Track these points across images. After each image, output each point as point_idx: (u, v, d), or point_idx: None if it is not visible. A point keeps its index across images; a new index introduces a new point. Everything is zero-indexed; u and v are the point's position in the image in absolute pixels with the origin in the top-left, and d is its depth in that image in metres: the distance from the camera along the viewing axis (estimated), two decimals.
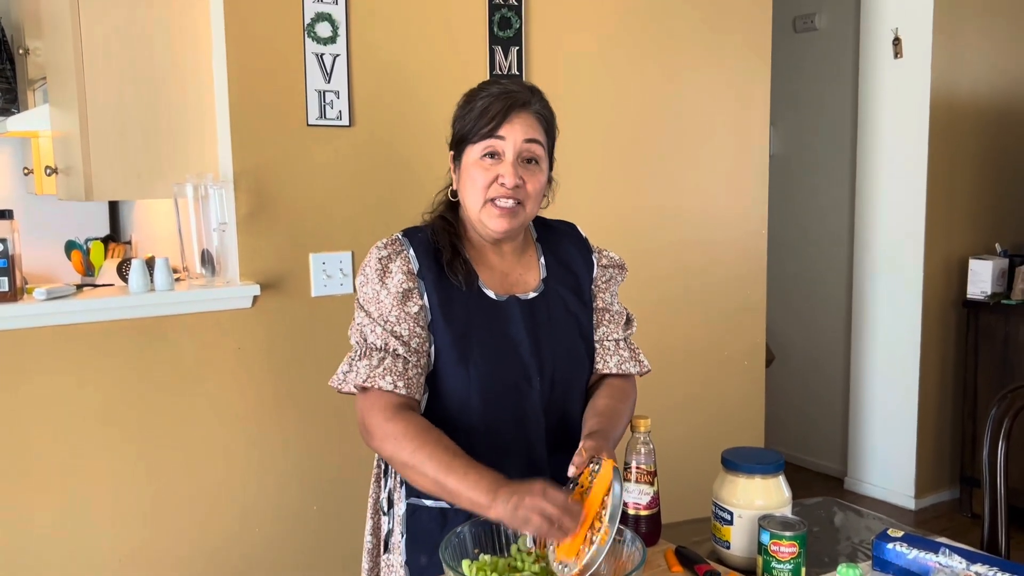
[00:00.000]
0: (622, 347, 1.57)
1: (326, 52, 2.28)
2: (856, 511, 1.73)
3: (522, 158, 1.43)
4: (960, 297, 3.87)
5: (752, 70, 3.08)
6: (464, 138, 1.45)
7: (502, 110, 1.41)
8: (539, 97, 1.48)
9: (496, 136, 1.41)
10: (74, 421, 2.08)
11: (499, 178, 1.41)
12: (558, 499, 1.20)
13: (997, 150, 3.99)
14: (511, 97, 1.43)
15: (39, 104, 3.13)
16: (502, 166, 1.42)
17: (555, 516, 1.18)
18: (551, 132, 1.49)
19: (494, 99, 1.42)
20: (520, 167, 1.42)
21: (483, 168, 1.43)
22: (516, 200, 1.42)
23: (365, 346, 1.42)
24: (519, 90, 1.45)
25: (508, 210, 1.43)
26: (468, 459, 1.30)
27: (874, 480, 4.08)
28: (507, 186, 1.41)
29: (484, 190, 1.42)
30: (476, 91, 1.47)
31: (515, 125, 1.41)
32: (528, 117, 1.43)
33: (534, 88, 1.48)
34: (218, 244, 2.22)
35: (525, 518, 1.19)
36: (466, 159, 1.45)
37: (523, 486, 1.22)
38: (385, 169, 2.40)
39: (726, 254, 3.10)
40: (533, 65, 2.61)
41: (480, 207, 1.43)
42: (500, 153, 1.42)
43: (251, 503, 2.30)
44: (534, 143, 1.43)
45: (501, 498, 1.22)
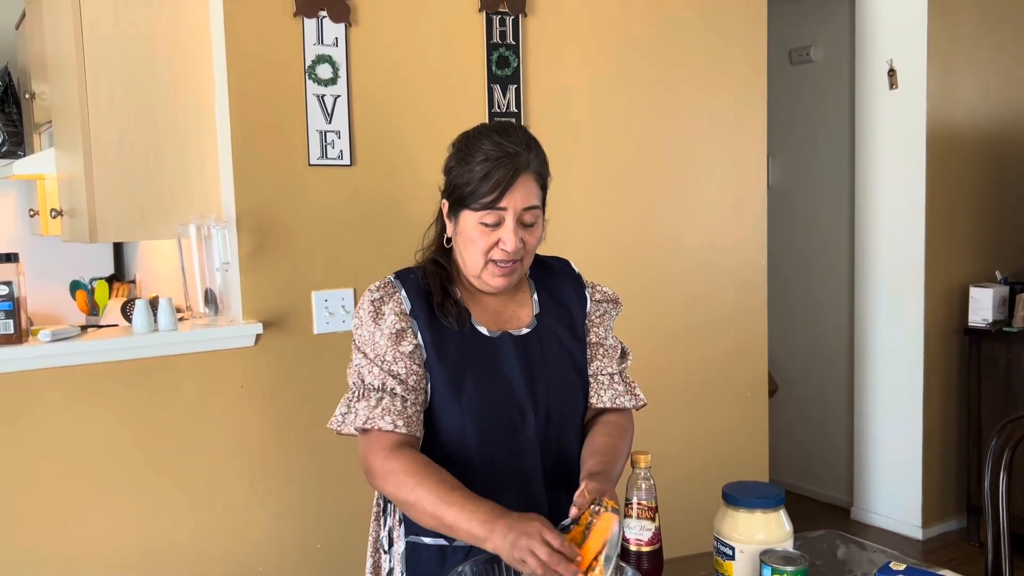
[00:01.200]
0: (617, 381, 1.58)
1: (327, 93, 2.32)
2: (859, 544, 1.72)
3: (522, 222, 1.44)
4: (962, 325, 3.88)
5: (749, 103, 3.11)
6: (462, 200, 1.43)
7: (504, 180, 1.39)
8: (535, 152, 1.45)
9: (498, 208, 1.41)
10: (78, 462, 2.08)
11: (500, 243, 1.43)
12: (555, 543, 1.20)
13: (994, 178, 4.02)
14: (512, 163, 1.40)
15: (45, 147, 3.17)
16: (503, 231, 1.42)
17: (551, 562, 1.18)
18: (546, 186, 1.49)
19: (494, 165, 1.40)
20: (520, 230, 1.43)
21: (483, 233, 1.43)
22: (516, 260, 1.44)
23: (363, 387, 1.43)
24: (518, 151, 1.42)
25: (508, 268, 1.45)
26: (466, 492, 1.31)
27: (881, 510, 4.05)
28: (508, 251, 1.42)
29: (484, 254, 1.44)
30: (473, 146, 1.43)
31: (516, 194, 1.41)
32: (528, 182, 1.42)
33: (530, 141, 1.46)
34: (221, 283, 2.24)
35: (521, 559, 1.20)
36: (464, 220, 1.44)
37: (520, 522, 1.23)
38: (386, 207, 2.43)
39: (727, 285, 3.12)
40: (531, 103, 2.64)
41: (481, 268, 1.45)
42: (501, 220, 1.42)
43: (254, 541, 2.29)
44: (533, 208, 1.44)
45: (499, 531, 1.22)
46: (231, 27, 2.21)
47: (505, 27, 2.57)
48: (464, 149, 1.45)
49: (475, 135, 1.46)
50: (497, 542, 1.22)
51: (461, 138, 1.48)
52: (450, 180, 1.47)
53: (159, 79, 2.25)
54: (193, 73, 2.29)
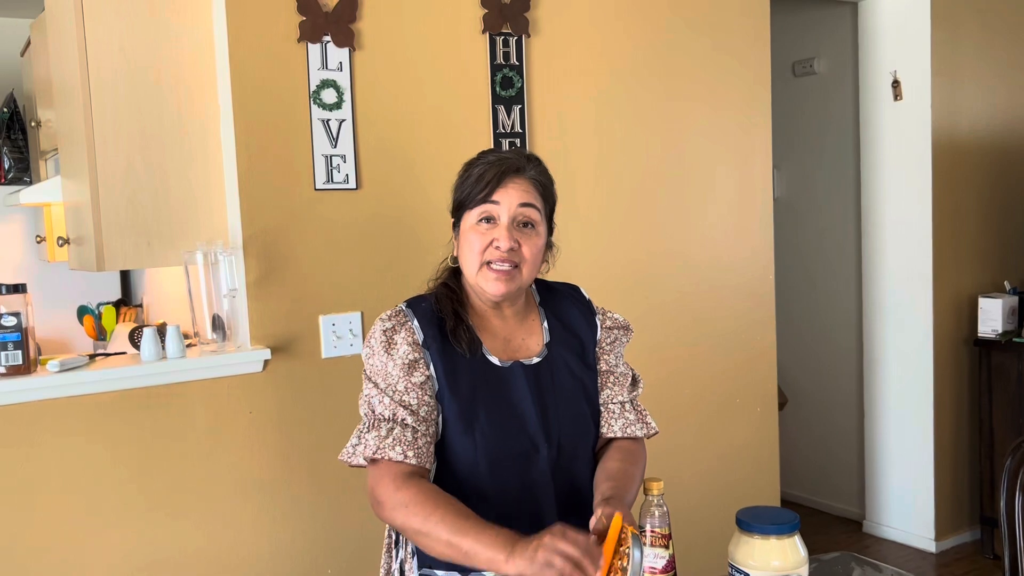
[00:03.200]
0: (628, 410, 1.57)
1: (332, 118, 2.32)
2: (874, 566, 1.71)
3: (517, 222, 1.45)
4: (971, 336, 3.86)
5: (753, 117, 3.11)
6: (461, 205, 1.49)
7: (496, 175, 1.45)
8: (535, 164, 1.51)
9: (490, 201, 1.44)
10: (87, 492, 2.08)
11: (494, 241, 1.44)
12: (579, 541, 1.20)
13: (1001, 188, 4.01)
14: (505, 163, 1.47)
15: (51, 174, 3.18)
16: (497, 230, 1.45)
17: (577, 558, 1.18)
18: (548, 198, 1.52)
19: (489, 166, 1.46)
20: (516, 231, 1.45)
21: (479, 233, 1.46)
22: (512, 263, 1.44)
23: (373, 417, 1.42)
24: (514, 157, 1.48)
25: (504, 273, 1.44)
26: (480, 519, 1.30)
27: (893, 523, 4.03)
28: (502, 249, 1.43)
29: (480, 254, 1.45)
30: (474, 160, 1.51)
31: (509, 189, 1.45)
32: (523, 182, 1.47)
33: (531, 156, 1.52)
34: (228, 309, 2.24)
35: (546, 561, 1.18)
36: (464, 225, 1.49)
37: (542, 532, 1.23)
38: (392, 229, 2.43)
39: (734, 300, 3.11)
40: (536, 123, 2.64)
41: (477, 271, 1.46)
42: (495, 217, 1.45)
43: (263, 569, 2.28)
44: (529, 207, 1.46)
45: (519, 548, 1.22)
46: (235, 53, 2.21)
47: (509, 48, 2.57)
48: (466, 165, 1.52)
49: (478, 154, 1.54)
50: (517, 560, 1.21)
51: (466, 162, 1.54)
52: (453, 195, 1.53)
53: (164, 106, 2.26)
54: (198, 100, 2.29)
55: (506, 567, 1.23)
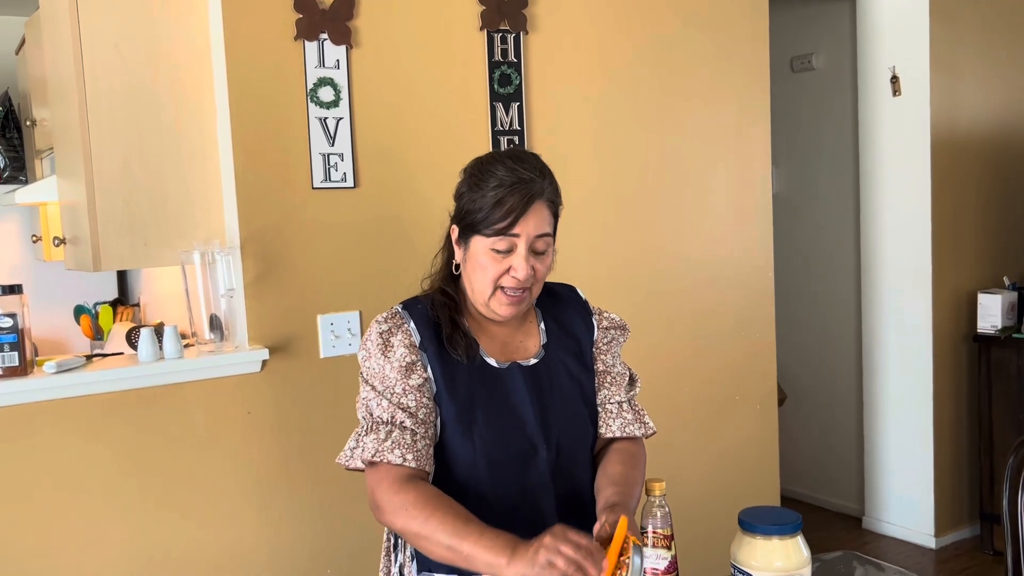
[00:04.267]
0: (625, 409, 1.56)
1: (329, 116, 2.31)
2: (876, 565, 1.70)
3: (533, 249, 1.42)
4: (970, 331, 3.86)
5: (752, 112, 3.10)
6: (473, 226, 1.42)
7: (518, 206, 1.38)
8: (549, 180, 1.45)
9: (510, 234, 1.39)
10: (84, 493, 2.06)
11: (511, 271, 1.41)
12: (581, 543, 1.19)
13: (1000, 183, 4.00)
14: (526, 190, 1.39)
15: (46, 173, 3.16)
16: (514, 258, 1.41)
17: (578, 559, 1.16)
18: (558, 213, 1.48)
19: (508, 191, 1.39)
20: (531, 257, 1.42)
21: (494, 259, 1.41)
22: (525, 288, 1.43)
23: (371, 420, 1.41)
24: (532, 178, 1.41)
25: (518, 298, 1.43)
26: (481, 523, 1.29)
27: (892, 519, 4.02)
28: (519, 278, 1.41)
29: (494, 281, 1.42)
30: (486, 171, 1.42)
31: (529, 221, 1.39)
32: (541, 209, 1.41)
33: (544, 169, 1.45)
34: (226, 309, 2.22)
35: (547, 561, 1.17)
36: (475, 246, 1.43)
37: (542, 534, 1.21)
38: (391, 228, 2.42)
39: (734, 297, 3.10)
40: (534, 120, 2.63)
41: (489, 296, 1.43)
42: (513, 248, 1.41)
43: (263, 569, 2.27)
44: (545, 236, 1.43)
45: (520, 551, 1.21)
46: (232, 52, 2.20)
47: (506, 45, 2.55)
48: (477, 175, 1.43)
49: (488, 161, 1.45)
50: (519, 564, 1.20)
51: (474, 164, 1.47)
52: (461, 206, 1.46)
53: (160, 105, 2.24)
54: (194, 98, 2.28)
55: (507, 571, 1.21)
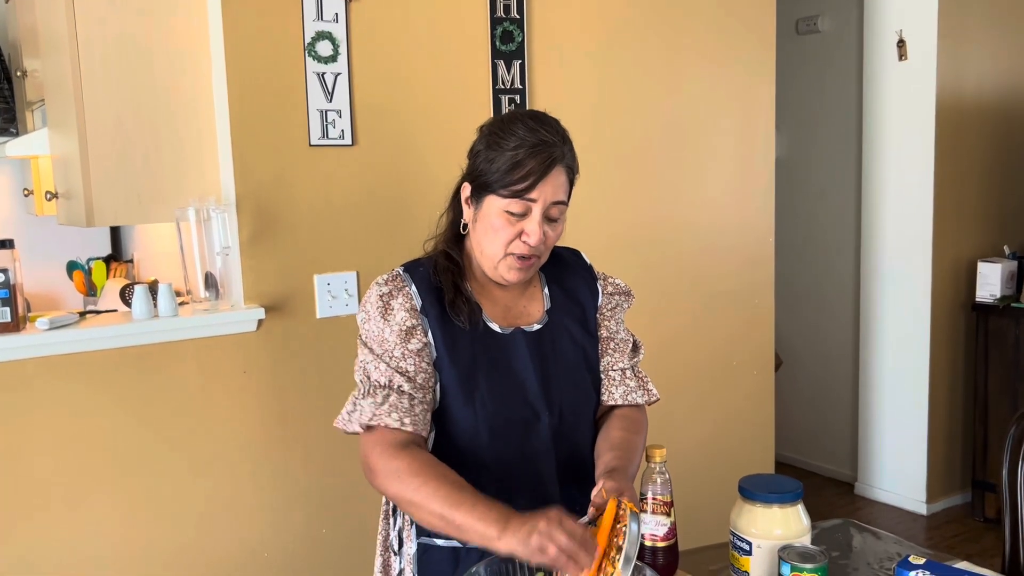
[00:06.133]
0: (628, 376, 1.54)
1: (327, 71, 2.26)
2: (874, 533, 1.70)
3: (547, 216, 1.39)
4: (969, 300, 3.85)
5: (756, 75, 3.05)
6: (488, 185, 1.38)
7: (538, 169, 1.34)
8: (569, 146, 1.41)
9: (527, 198, 1.36)
10: (78, 450, 2.05)
11: (523, 235, 1.38)
12: (575, 530, 1.16)
13: (1004, 151, 3.97)
14: (547, 153, 1.35)
15: (38, 125, 3.10)
16: (528, 223, 1.38)
17: (571, 549, 1.14)
18: (574, 181, 1.44)
19: (528, 152, 1.35)
20: (544, 223, 1.39)
21: (507, 221, 1.38)
22: (536, 255, 1.40)
23: (369, 384, 1.39)
24: (553, 141, 1.37)
25: (527, 264, 1.40)
26: (475, 492, 1.26)
27: (885, 485, 4.05)
28: (531, 244, 1.38)
29: (505, 244, 1.39)
30: (507, 130, 1.38)
31: (547, 186, 1.36)
32: (559, 175, 1.38)
33: (564, 134, 1.41)
34: (221, 267, 2.19)
35: (540, 547, 1.15)
36: (488, 206, 1.39)
37: (535, 515, 1.19)
38: (389, 187, 2.38)
39: (734, 262, 3.08)
40: (536, 78, 2.58)
41: (499, 259, 1.40)
42: (528, 211, 1.37)
43: (258, 527, 2.27)
44: (560, 204, 1.39)
45: (512, 528, 1.18)
46: (228, 3, 2.14)
47: (509, 1, 2.50)
48: (496, 133, 1.39)
49: (508, 119, 1.41)
50: (510, 539, 1.17)
51: (493, 122, 1.43)
52: (477, 163, 1.41)
53: (154, 58, 2.19)
54: (189, 51, 2.22)
55: (498, 544, 1.19)
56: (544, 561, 1.16)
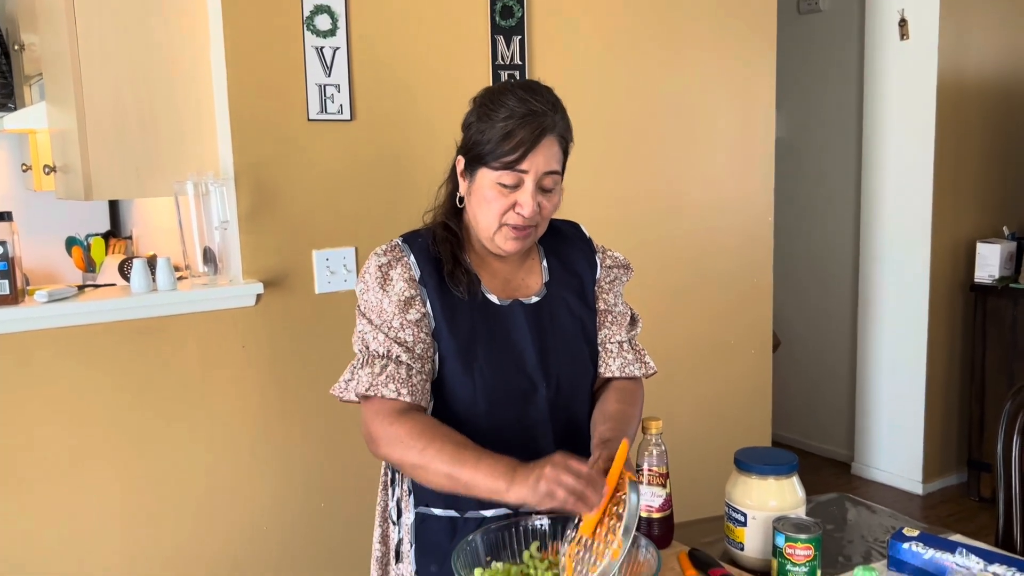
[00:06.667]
0: (626, 349, 1.54)
1: (326, 45, 2.25)
2: (869, 507, 1.71)
3: (541, 186, 1.38)
4: (968, 281, 3.85)
5: (757, 54, 3.04)
6: (480, 157, 1.38)
7: (528, 139, 1.33)
8: (561, 114, 1.40)
9: (518, 169, 1.35)
10: (77, 423, 2.06)
11: (517, 206, 1.37)
12: (580, 471, 1.19)
13: (1004, 132, 3.96)
14: (537, 123, 1.35)
15: (36, 100, 3.09)
16: (521, 194, 1.37)
17: (579, 489, 1.17)
18: (568, 150, 1.44)
19: (518, 123, 1.34)
20: (538, 194, 1.38)
21: (500, 193, 1.37)
22: (532, 225, 1.40)
23: (367, 353, 1.39)
24: (543, 111, 1.36)
25: (523, 234, 1.40)
26: (479, 448, 1.28)
27: (881, 465, 4.07)
28: (525, 215, 1.37)
29: (499, 216, 1.38)
30: (497, 101, 1.38)
31: (538, 157, 1.35)
32: (551, 145, 1.37)
33: (556, 102, 1.40)
34: (220, 242, 2.19)
35: (548, 492, 1.17)
36: (481, 179, 1.39)
37: (542, 461, 1.21)
38: (387, 163, 2.38)
39: (733, 241, 3.08)
40: (535, 54, 2.57)
41: (494, 231, 1.40)
42: (520, 183, 1.37)
43: (258, 501, 2.28)
44: (554, 173, 1.38)
45: (519, 478, 1.20)
46: None
47: None
48: (487, 104, 1.39)
49: (499, 90, 1.40)
50: (519, 489, 1.20)
51: (484, 93, 1.42)
52: (469, 136, 1.41)
53: (153, 31, 2.18)
54: (188, 24, 2.21)
55: (508, 496, 1.21)
56: (554, 505, 1.18)
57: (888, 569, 1.40)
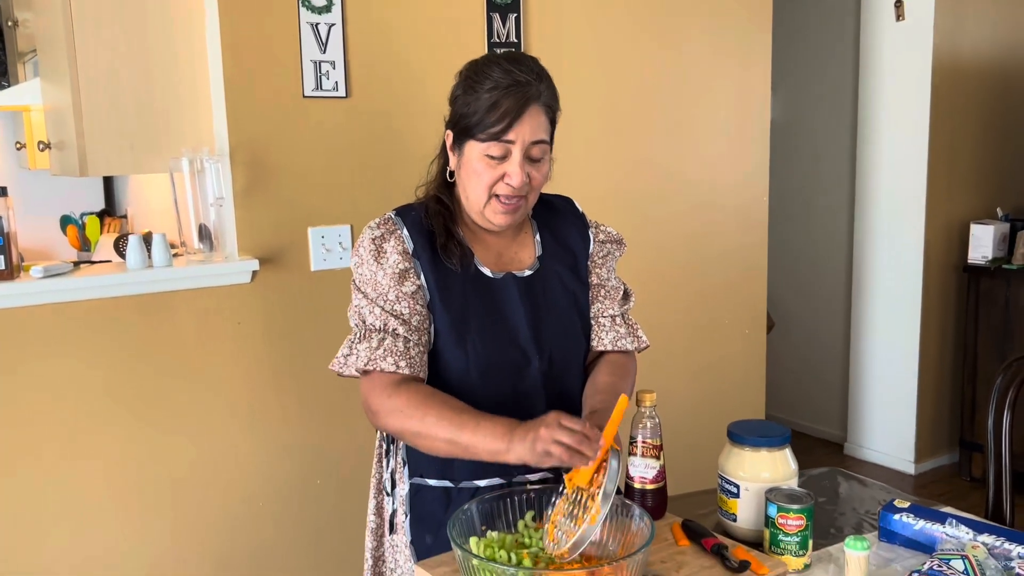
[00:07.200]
0: (618, 323, 1.55)
1: (321, 21, 2.24)
2: (860, 481, 1.73)
3: (529, 156, 1.38)
4: (961, 262, 3.86)
5: (753, 34, 3.04)
6: (467, 130, 1.38)
7: (513, 109, 1.33)
8: (546, 83, 1.40)
9: (504, 140, 1.35)
10: (73, 399, 2.06)
11: (505, 177, 1.37)
12: (575, 427, 1.21)
13: (999, 114, 3.96)
14: (521, 93, 1.34)
15: (30, 77, 3.08)
16: (508, 165, 1.37)
17: (574, 444, 1.20)
18: (555, 120, 1.44)
19: (502, 94, 1.34)
20: (526, 164, 1.38)
21: (488, 165, 1.37)
22: (521, 196, 1.40)
23: (364, 328, 1.40)
24: (528, 80, 1.36)
25: (513, 206, 1.40)
26: (477, 412, 1.31)
27: (874, 445, 4.09)
28: (514, 186, 1.37)
29: (488, 188, 1.39)
30: (481, 73, 1.37)
31: (524, 126, 1.35)
32: (537, 115, 1.36)
33: (541, 72, 1.40)
34: (215, 219, 2.19)
35: (545, 451, 1.21)
36: (469, 151, 1.39)
37: (537, 421, 1.24)
38: (383, 140, 2.37)
39: (727, 222, 3.08)
40: (532, 32, 2.57)
41: (484, 204, 1.40)
42: (508, 154, 1.37)
43: (254, 477, 2.29)
44: (541, 143, 1.38)
45: (517, 438, 1.24)
46: None
47: None
48: (472, 77, 1.38)
49: (484, 63, 1.40)
50: (517, 448, 1.23)
51: (469, 66, 1.42)
52: (455, 110, 1.41)
53: (147, 5, 2.17)
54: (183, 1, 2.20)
55: (508, 457, 1.25)
56: (552, 463, 1.22)
57: (879, 540, 1.42)
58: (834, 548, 1.40)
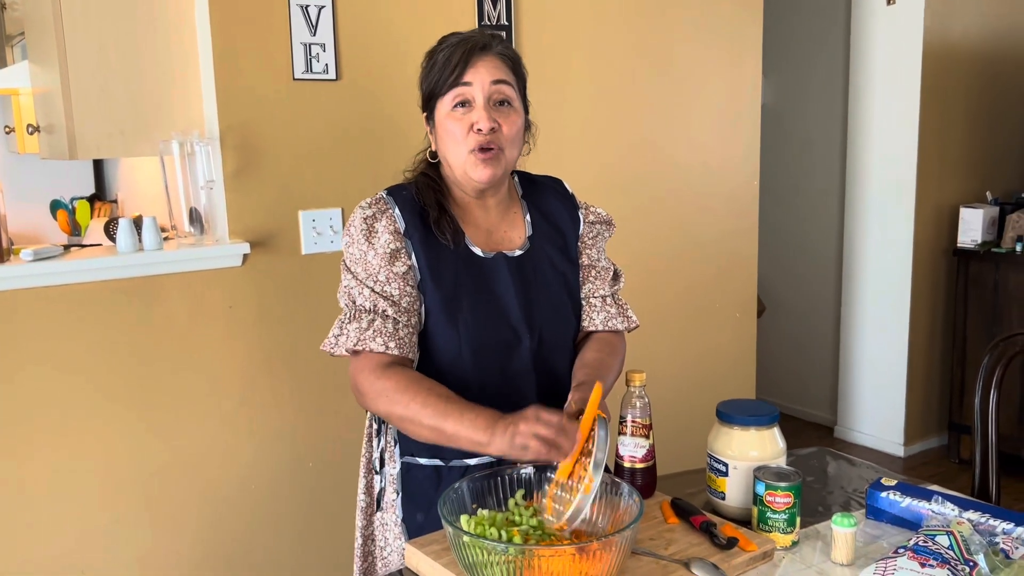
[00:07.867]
0: (609, 303, 1.56)
1: (311, 3, 2.23)
2: (849, 460, 1.74)
3: (493, 101, 1.41)
4: (951, 246, 3.88)
5: (744, 18, 3.04)
6: (432, 94, 1.43)
7: (463, 56, 1.39)
8: (500, 40, 1.45)
9: (462, 83, 1.39)
10: (63, 382, 2.06)
11: (474, 125, 1.39)
12: (552, 421, 1.22)
13: (989, 98, 3.97)
14: (470, 41, 1.41)
15: (18, 60, 3.06)
16: (474, 112, 1.40)
17: (551, 438, 1.21)
18: (519, 72, 1.47)
19: (454, 48, 1.41)
20: (493, 110, 1.40)
21: (456, 119, 1.41)
22: (497, 146, 1.41)
23: (354, 308, 1.40)
24: (478, 35, 1.43)
25: (490, 156, 1.41)
26: (462, 401, 1.31)
27: (864, 428, 4.12)
28: (483, 130, 1.39)
29: (462, 141, 1.40)
30: (436, 47, 1.45)
31: (479, 68, 1.39)
32: (492, 59, 1.41)
33: (494, 33, 1.47)
34: (206, 202, 2.19)
35: (523, 445, 1.22)
36: (439, 115, 1.43)
37: (518, 415, 1.25)
38: (373, 123, 2.37)
39: (718, 206, 3.09)
40: (523, 15, 2.56)
41: (463, 159, 1.41)
42: (470, 100, 1.40)
43: (245, 460, 2.30)
44: (502, 84, 1.41)
45: (499, 431, 1.24)
46: None
47: None
48: (429, 53, 1.46)
49: (438, 41, 1.47)
50: (498, 443, 1.24)
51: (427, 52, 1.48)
52: (422, 87, 1.47)
53: None
54: None
55: (489, 449, 1.25)
56: (531, 457, 1.23)
57: (866, 518, 1.43)
58: (821, 526, 1.41)
